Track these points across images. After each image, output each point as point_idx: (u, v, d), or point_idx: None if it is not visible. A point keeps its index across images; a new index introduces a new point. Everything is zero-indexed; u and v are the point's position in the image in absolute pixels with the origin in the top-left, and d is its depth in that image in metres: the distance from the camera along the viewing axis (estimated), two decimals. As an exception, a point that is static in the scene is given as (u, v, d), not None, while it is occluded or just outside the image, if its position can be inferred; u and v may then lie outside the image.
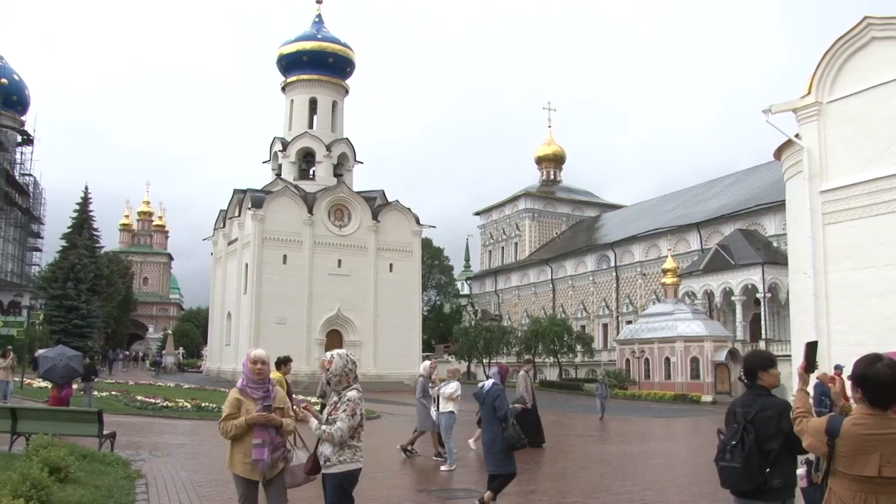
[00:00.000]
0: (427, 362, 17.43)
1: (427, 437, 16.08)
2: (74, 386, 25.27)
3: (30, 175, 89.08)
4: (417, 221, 60.44)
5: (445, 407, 14.60)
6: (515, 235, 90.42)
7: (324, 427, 6.18)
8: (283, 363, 14.20)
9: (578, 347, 64.43)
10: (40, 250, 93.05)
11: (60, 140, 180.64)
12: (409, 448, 15.86)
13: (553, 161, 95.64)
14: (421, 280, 63.55)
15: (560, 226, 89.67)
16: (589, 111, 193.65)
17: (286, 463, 6.50)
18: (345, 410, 6.17)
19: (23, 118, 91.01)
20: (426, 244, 77.85)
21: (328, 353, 6.50)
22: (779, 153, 24.41)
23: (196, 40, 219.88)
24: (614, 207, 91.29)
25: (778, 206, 49.15)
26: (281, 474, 6.50)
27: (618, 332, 64.05)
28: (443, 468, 14.00)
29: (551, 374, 68.28)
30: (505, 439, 9.67)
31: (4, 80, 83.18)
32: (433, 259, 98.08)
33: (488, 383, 10.31)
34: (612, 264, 71.21)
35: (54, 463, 9.25)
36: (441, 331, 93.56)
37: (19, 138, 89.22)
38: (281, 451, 6.45)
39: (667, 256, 55.84)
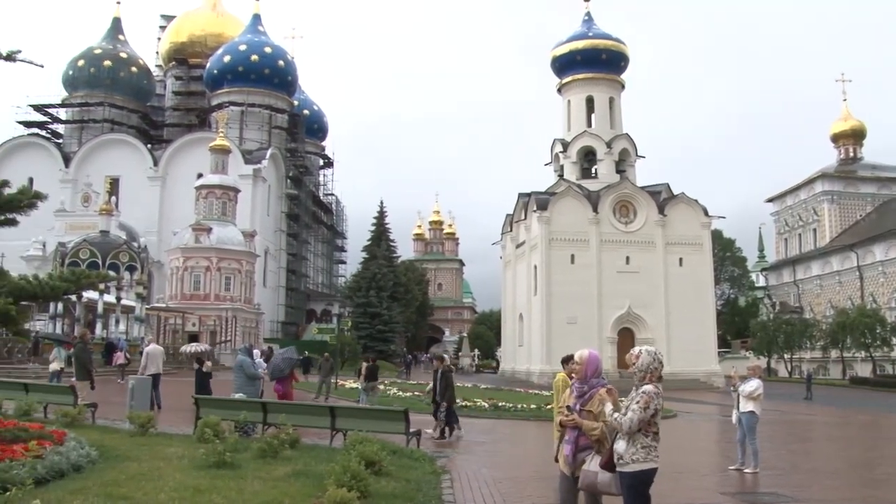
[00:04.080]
0: None
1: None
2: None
3: (332, 195, 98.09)
4: (706, 213, 58.22)
5: (746, 406, 13.94)
6: (813, 221, 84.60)
7: (616, 415, 6.18)
8: (564, 362, 14.14)
9: (894, 340, 58.86)
10: (344, 262, 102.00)
11: (356, 160, 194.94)
12: None
13: (851, 137, 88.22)
14: (713, 273, 61.22)
15: (864, 207, 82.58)
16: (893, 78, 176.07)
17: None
18: (638, 402, 6.12)
19: (323, 144, 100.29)
20: (716, 236, 75.12)
21: (636, 348, 6.47)
22: None
23: (471, 54, 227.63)
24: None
25: None
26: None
27: (940, 322, 58.02)
28: (746, 470, 13.36)
29: (863, 370, 63.07)
30: None
31: (307, 112, 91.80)
32: (724, 251, 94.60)
33: None
34: (931, 246, 64.61)
35: (369, 457, 9.90)
36: (737, 325, 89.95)
37: (321, 162, 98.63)
38: (587, 452, 6.63)
39: None
